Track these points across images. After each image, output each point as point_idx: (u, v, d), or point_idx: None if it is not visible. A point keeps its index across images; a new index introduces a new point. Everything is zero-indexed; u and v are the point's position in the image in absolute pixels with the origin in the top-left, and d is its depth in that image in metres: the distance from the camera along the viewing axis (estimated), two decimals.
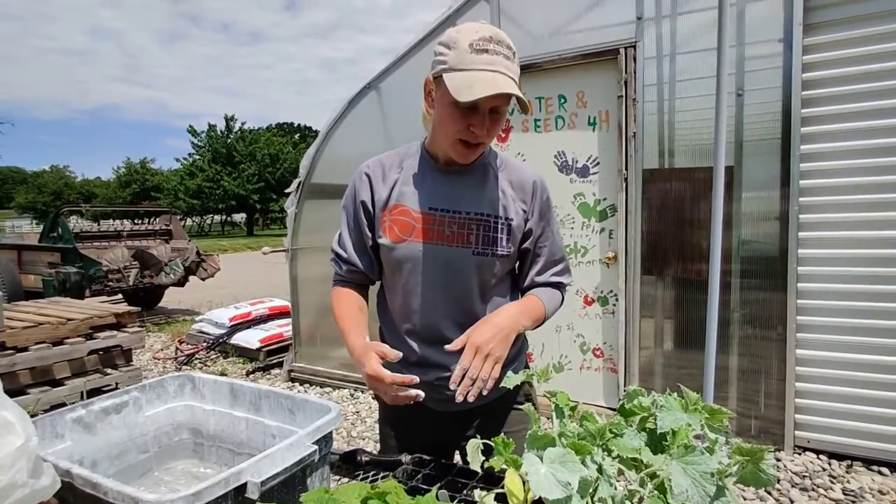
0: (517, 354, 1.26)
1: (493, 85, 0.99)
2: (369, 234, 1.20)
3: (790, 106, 2.69)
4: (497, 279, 1.18)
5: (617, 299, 3.28)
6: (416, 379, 1.04)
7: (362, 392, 4.07)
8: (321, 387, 4.29)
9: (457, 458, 1.28)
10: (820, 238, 2.73)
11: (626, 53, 3.07)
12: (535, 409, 1.21)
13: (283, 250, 4.33)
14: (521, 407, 1.22)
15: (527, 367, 1.30)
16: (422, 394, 1.04)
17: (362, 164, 1.22)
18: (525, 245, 1.20)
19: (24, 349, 3.11)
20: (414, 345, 1.18)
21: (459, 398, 0.98)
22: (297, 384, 4.40)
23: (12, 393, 2.96)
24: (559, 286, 1.25)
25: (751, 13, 2.75)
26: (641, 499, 0.63)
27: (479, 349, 1.01)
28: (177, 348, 5.38)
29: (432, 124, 1.15)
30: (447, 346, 1.07)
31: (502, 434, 0.73)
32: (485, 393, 1.00)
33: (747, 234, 2.85)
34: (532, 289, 1.24)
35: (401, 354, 1.06)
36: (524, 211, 1.18)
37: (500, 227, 1.15)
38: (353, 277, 1.25)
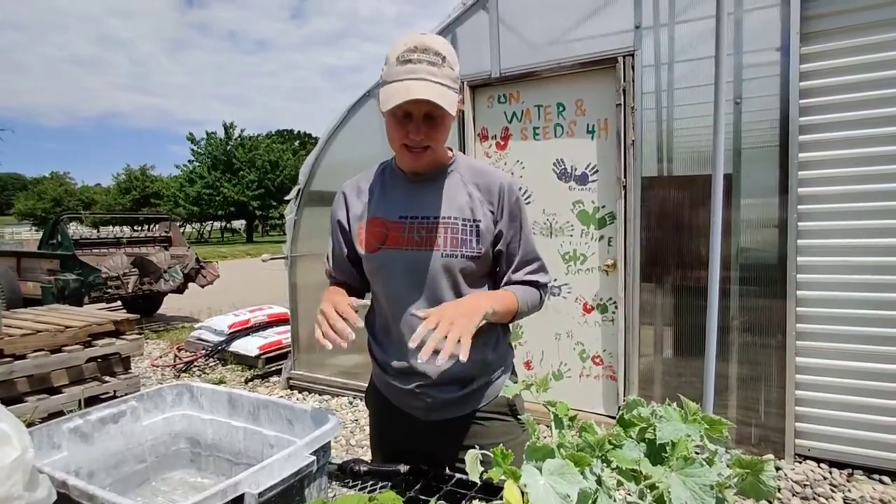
0: (503, 359, 1.27)
1: (406, 93, 1.03)
2: (345, 250, 1.28)
3: (788, 114, 2.69)
4: (470, 281, 1.20)
5: (616, 307, 3.28)
6: (361, 323, 1.08)
7: (361, 400, 4.06)
8: (320, 394, 4.27)
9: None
10: (819, 246, 2.73)
11: (624, 62, 3.09)
12: (517, 418, 1.22)
13: (283, 257, 4.33)
14: (505, 418, 1.23)
15: (514, 373, 1.30)
16: (352, 334, 1.07)
17: (342, 185, 1.31)
18: (499, 247, 1.22)
19: (23, 357, 3.10)
20: (396, 353, 1.21)
21: (422, 357, 0.94)
22: (295, 392, 4.38)
23: (10, 401, 2.95)
24: (536, 284, 1.26)
25: (749, 22, 2.77)
26: None
27: (443, 316, 0.99)
28: (175, 356, 5.37)
29: None
30: (412, 309, 1.11)
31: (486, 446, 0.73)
32: (444, 359, 0.93)
33: (746, 242, 2.85)
34: (508, 286, 1.25)
35: (361, 324, 1.10)
36: (492, 212, 1.20)
37: (468, 229, 1.18)
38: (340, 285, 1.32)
